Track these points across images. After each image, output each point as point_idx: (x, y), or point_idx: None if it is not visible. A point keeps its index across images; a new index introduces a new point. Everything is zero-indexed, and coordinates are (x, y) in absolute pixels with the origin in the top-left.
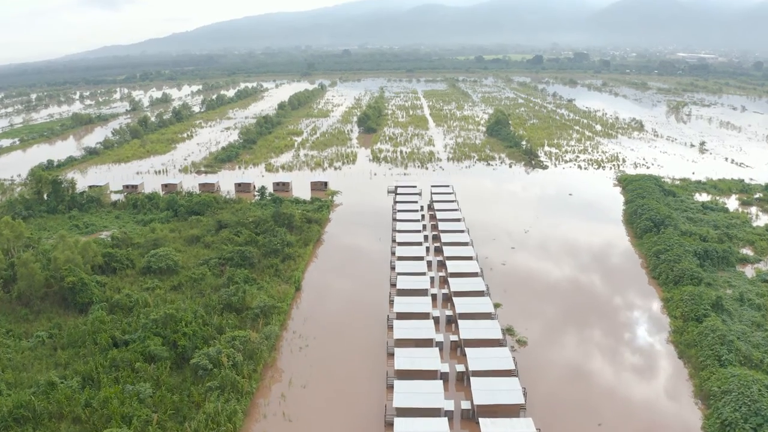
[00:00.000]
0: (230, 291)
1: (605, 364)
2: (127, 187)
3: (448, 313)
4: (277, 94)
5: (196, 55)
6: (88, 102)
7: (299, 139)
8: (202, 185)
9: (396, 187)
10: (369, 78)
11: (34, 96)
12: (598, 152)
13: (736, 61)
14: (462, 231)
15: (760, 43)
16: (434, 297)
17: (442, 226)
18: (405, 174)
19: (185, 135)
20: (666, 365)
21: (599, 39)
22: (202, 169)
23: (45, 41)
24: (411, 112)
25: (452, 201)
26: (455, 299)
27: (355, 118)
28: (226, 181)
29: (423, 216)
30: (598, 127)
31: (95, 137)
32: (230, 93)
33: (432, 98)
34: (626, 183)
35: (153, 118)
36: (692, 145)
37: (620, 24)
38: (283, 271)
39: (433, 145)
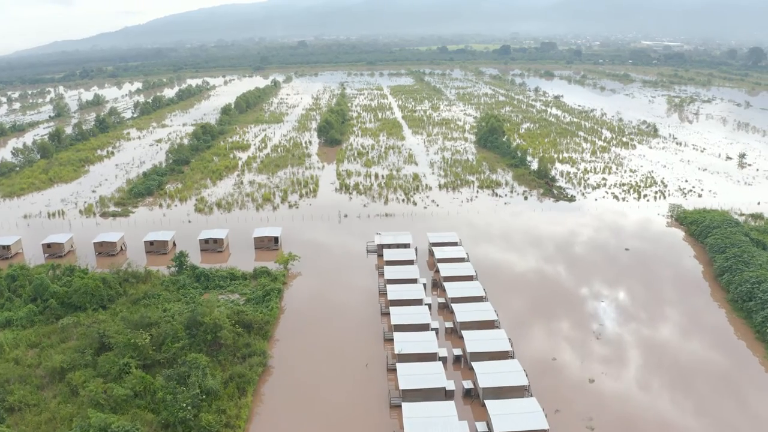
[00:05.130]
0: None
1: None
2: None
3: None
4: (225, 92)
5: (145, 49)
6: (16, 106)
7: (244, 157)
8: (99, 245)
9: (379, 245)
10: (327, 72)
11: None
12: (625, 171)
13: (702, 49)
14: (507, 353)
15: (718, 30)
16: None
17: (470, 342)
18: (387, 215)
19: (105, 152)
20: None
21: (558, 27)
22: (110, 209)
23: None
24: (380, 115)
25: (470, 277)
26: None
27: (314, 124)
28: (139, 229)
29: (429, 306)
30: (607, 133)
31: (3, 154)
32: (173, 92)
33: (400, 95)
34: (698, 229)
35: (70, 129)
36: (729, 158)
37: (579, 12)
38: None
39: (416, 164)
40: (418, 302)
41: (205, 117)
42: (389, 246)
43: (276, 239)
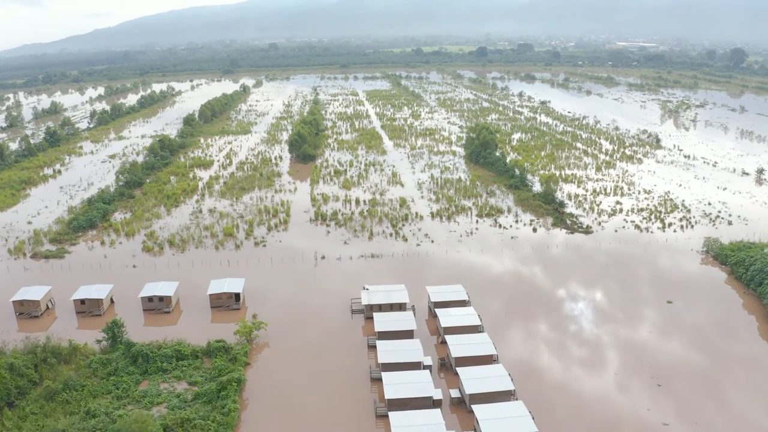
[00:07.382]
0: None
1: None
2: None
3: None
4: (192, 98)
5: (113, 53)
6: None
7: (206, 177)
8: (20, 304)
9: (367, 306)
10: (299, 75)
11: None
12: (639, 192)
13: (678, 50)
14: None
15: (690, 30)
16: None
17: None
18: (372, 255)
19: (52, 170)
20: None
21: (531, 28)
22: (44, 248)
23: None
24: (357, 124)
25: (490, 358)
26: None
27: (285, 135)
28: (74, 276)
29: (440, 404)
30: (607, 144)
31: None
32: (137, 98)
33: (377, 101)
34: (747, 274)
35: (15, 145)
36: (745, 173)
37: (550, 13)
38: None
39: (401, 185)
40: (426, 402)
41: (167, 127)
42: (380, 307)
43: (237, 296)
